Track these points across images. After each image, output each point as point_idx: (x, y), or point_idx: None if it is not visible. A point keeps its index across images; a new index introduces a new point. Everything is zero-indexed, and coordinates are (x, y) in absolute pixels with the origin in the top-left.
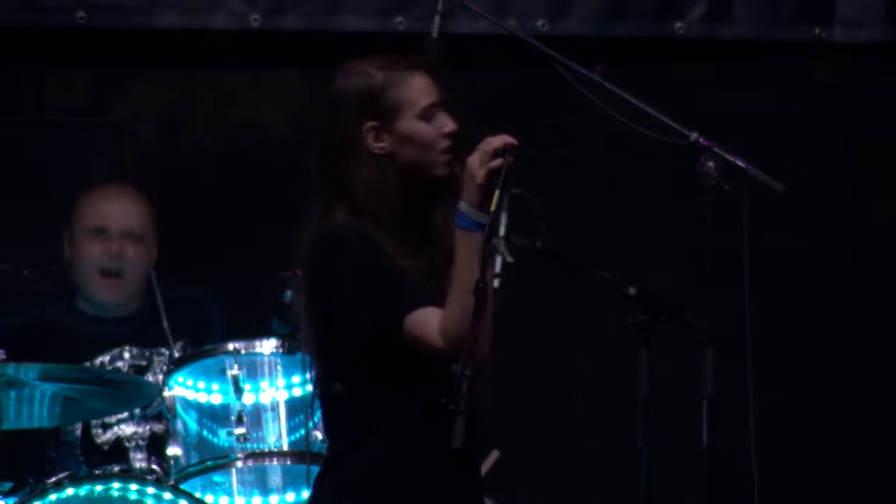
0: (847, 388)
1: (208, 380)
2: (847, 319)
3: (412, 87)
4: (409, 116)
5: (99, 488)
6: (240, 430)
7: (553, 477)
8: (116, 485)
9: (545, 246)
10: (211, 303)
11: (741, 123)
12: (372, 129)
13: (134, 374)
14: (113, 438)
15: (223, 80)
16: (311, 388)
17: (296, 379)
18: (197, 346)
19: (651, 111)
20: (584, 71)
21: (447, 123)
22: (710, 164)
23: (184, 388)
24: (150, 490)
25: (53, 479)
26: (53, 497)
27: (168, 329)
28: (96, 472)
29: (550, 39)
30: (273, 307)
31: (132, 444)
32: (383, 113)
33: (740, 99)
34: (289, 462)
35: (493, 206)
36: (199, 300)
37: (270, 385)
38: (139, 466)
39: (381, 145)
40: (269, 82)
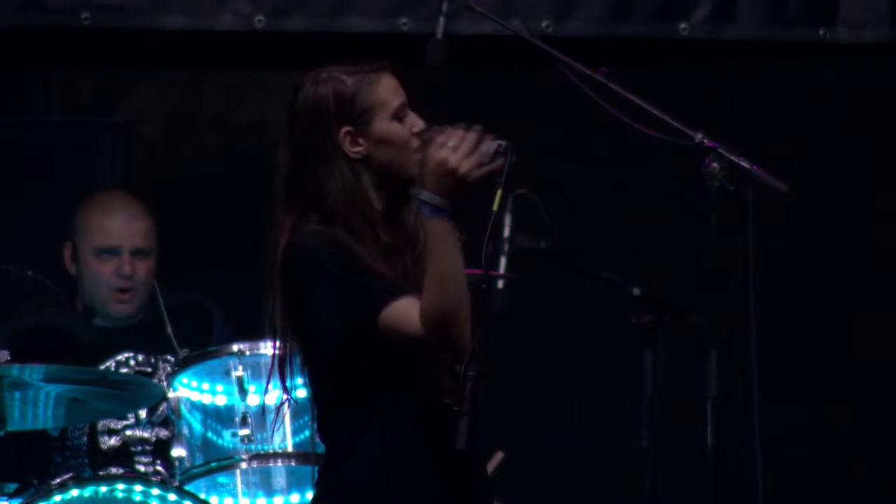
0: (851, 389)
1: (213, 381)
2: (851, 320)
3: (383, 89)
4: (383, 118)
5: (103, 489)
6: (244, 432)
7: (557, 477)
8: (121, 486)
9: (550, 247)
10: (212, 305)
11: (745, 124)
12: (348, 135)
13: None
14: (119, 444)
15: (228, 81)
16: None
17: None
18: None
19: (655, 112)
20: (589, 72)
21: (416, 122)
22: (715, 165)
23: (188, 390)
24: (155, 491)
25: (58, 481)
26: (58, 498)
27: (173, 335)
28: (100, 474)
29: (555, 40)
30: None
31: (138, 450)
32: (357, 117)
33: (745, 100)
34: (293, 463)
35: (496, 207)
36: (200, 304)
37: (275, 386)
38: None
39: (358, 149)
40: (274, 83)
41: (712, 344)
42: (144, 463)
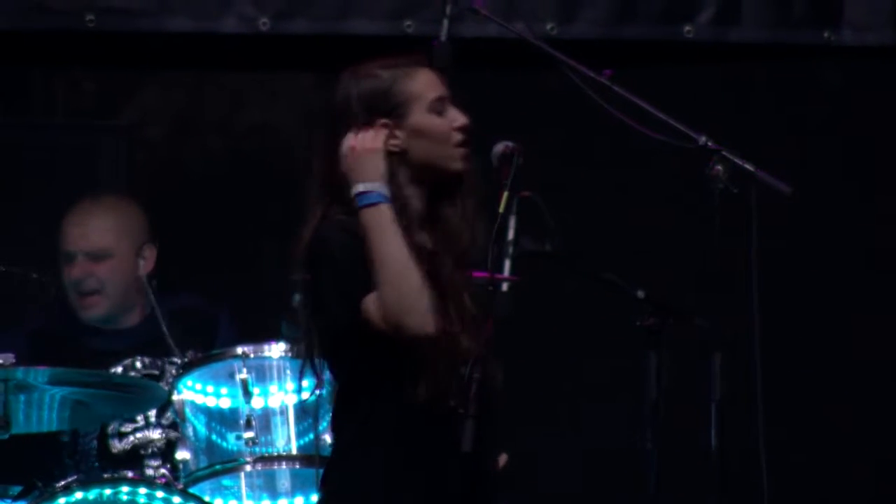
0: (856, 391)
1: (217, 384)
2: (854, 321)
3: (419, 82)
4: (420, 110)
5: (108, 492)
6: (249, 434)
7: (561, 479)
8: (125, 489)
9: (554, 249)
10: (212, 308)
11: (749, 126)
12: (384, 127)
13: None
14: (129, 447)
15: (232, 84)
16: (318, 393)
17: (305, 383)
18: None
19: (660, 114)
20: (593, 74)
21: (458, 117)
22: (719, 168)
23: (193, 392)
24: (160, 494)
25: (62, 483)
26: (62, 501)
27: (169, 336)
28: (105, 476)
29: (559, 43)
30: (283, 310)
31: (148, 452)
32: (393, 109)
33: (748, 102)
34: (298, 466)
35: (502, 209)
36: (200, 308)
37: (279, 389)
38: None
39: (395, 142)
40: (279, 86)
41: (716, 346)
42: (154, 466)
